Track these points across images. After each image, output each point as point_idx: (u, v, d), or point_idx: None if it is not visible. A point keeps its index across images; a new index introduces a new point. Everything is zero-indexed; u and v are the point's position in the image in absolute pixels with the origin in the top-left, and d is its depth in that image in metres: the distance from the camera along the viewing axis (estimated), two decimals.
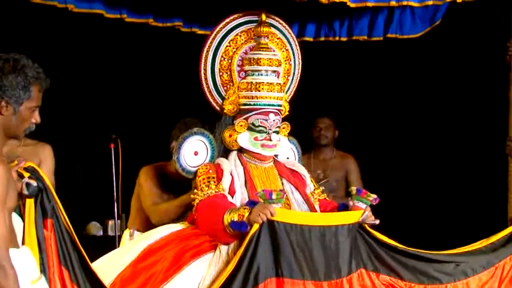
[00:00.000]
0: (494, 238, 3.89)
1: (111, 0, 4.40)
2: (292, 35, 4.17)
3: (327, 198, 4.04)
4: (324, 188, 4.10)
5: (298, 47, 4.17)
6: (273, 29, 4.00)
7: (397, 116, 6.67)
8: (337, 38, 4.99)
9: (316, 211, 3.86)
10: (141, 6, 4.56)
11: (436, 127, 6.56)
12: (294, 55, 4.14)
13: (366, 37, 4.96)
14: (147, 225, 4.44)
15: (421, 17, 4.89)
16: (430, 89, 6.55)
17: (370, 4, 4.08)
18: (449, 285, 3.78)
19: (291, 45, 4.13)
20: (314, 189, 3.98)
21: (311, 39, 5.02)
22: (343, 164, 5.54)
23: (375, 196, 3.70)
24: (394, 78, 6.59)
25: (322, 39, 5.02)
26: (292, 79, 4.15)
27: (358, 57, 6.25)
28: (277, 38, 4.06)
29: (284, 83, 4.05)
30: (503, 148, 4.26)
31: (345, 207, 3.81)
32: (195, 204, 3.71)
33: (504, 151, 4.26)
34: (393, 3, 4.17)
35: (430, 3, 4.32)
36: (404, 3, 4.22)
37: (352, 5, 4.02)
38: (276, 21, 4.07)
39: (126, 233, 4.60)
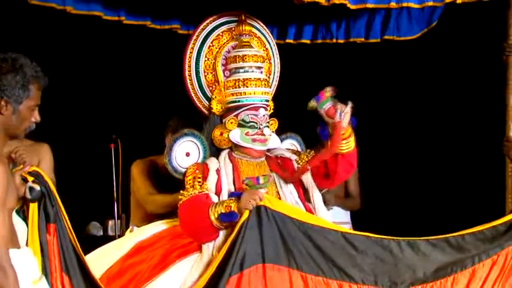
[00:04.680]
0: (497, 222, 3.87)
1: (109, 2, 4.41)
2: (270, 34, 4.22)
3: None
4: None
5: (276, 47, 4.21)
6: (252, 29, 4.06)
7: (394, 117, 6.68)
8: (334, 40, 4.98)
9: (304, 201, 3.87)
10: (139, 8, 4.56)
11: (433, 128, 6.57)
12: (273, 54, 4.19)
13: (363, 39, 4.94)
14: (147, 221, 4.37)
15: (417, 19, 4.89)
16: (428, 89, 6.56)
17: (370, 5, 4.02)
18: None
19: (269, 44, 4.18)
20: (298, 159, 3.94)
21: (308, 42, 5.02)
22: None
23: (329, 88, 3.65)
24: (391, 79, 6.60)
25: (320, 41, 5.02)
26: (273, 78, 4.18)
27: (356, 59, 6.26)
28: (257, 37, 4.11)
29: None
30: (501, 148, 4.26)
31: (322, 125, 3.77)
32: (178, 205, 3.70)
33: (501, 151, 4.26)
34: (393, 4, 4.12)
35: (430, 4, 4.27)
36: (404, 4, 4.17)
37: (352, 7, 3.96)
38: (255, 21, 4.12)
39: (128, 232, 4.54)
